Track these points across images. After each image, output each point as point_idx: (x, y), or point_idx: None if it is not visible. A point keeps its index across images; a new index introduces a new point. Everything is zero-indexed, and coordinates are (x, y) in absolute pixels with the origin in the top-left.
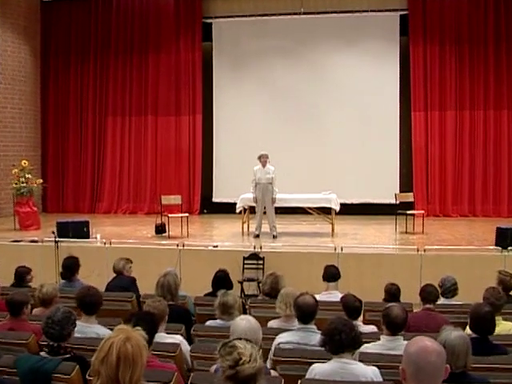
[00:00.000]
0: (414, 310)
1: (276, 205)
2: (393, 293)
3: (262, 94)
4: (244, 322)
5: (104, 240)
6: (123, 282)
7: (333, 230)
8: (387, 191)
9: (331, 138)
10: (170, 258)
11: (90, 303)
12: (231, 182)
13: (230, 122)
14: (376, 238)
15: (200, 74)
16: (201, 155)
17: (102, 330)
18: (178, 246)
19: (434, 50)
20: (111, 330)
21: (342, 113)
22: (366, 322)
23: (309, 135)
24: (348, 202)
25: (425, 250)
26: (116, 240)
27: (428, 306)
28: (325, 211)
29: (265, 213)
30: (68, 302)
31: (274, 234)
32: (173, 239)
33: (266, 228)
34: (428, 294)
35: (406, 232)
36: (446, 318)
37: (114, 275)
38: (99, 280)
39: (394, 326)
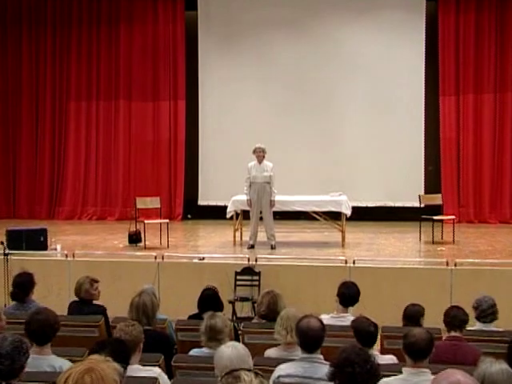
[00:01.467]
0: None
1: (275, 209)
2: (411, 315)
3: (259, 75)
4: (230, 350)
5: (65, 252)
6: (88, 311)
7: (343, 239)
8: (410, 192)
9: (341, 129)
10: (146, 274)
11: (41, 330)
12: (220, 181)
13: (220, 109)
14: (396, 249)
15: (183, 50)
16: (184, 149)
17: (58, 362)
18: (156, 258)
19: (469, 18)
20: (73, 362)
21: (354, 97)
22: (383, 352)
23: (314, 126)
24: (362, 205)
25: (456, 264)
26: (80, 252)
27: (454, 333)
28: (334, 216)
29: (261, 218)
30: (19, 328)
31: (272, 243)
32: (150, 250)
33: (262, 237)
34: (452, 319)
35: (433, 242)
36: (477, 348)
37: (76, 299)
38: (59, 301)
39: (416, 351)
